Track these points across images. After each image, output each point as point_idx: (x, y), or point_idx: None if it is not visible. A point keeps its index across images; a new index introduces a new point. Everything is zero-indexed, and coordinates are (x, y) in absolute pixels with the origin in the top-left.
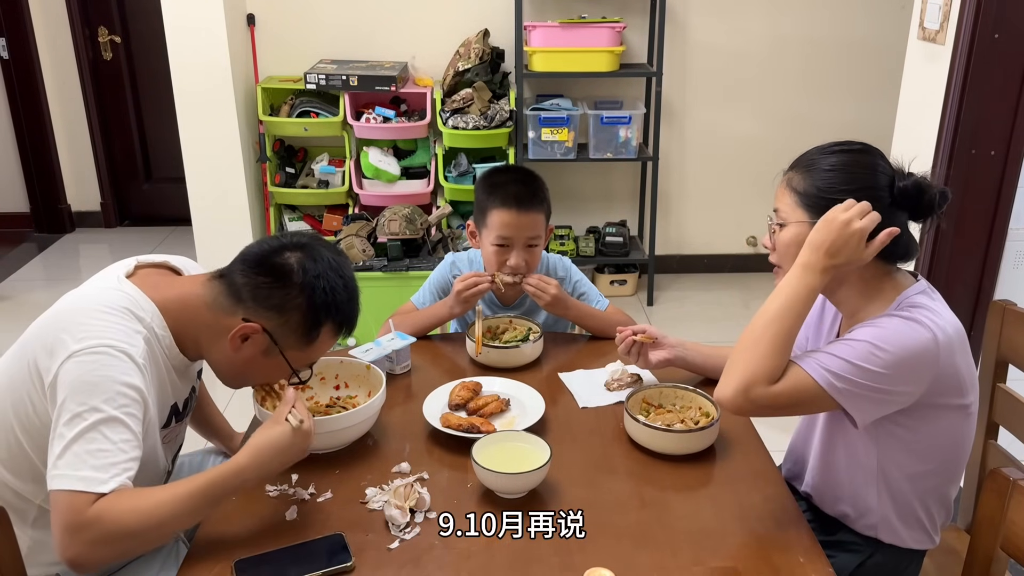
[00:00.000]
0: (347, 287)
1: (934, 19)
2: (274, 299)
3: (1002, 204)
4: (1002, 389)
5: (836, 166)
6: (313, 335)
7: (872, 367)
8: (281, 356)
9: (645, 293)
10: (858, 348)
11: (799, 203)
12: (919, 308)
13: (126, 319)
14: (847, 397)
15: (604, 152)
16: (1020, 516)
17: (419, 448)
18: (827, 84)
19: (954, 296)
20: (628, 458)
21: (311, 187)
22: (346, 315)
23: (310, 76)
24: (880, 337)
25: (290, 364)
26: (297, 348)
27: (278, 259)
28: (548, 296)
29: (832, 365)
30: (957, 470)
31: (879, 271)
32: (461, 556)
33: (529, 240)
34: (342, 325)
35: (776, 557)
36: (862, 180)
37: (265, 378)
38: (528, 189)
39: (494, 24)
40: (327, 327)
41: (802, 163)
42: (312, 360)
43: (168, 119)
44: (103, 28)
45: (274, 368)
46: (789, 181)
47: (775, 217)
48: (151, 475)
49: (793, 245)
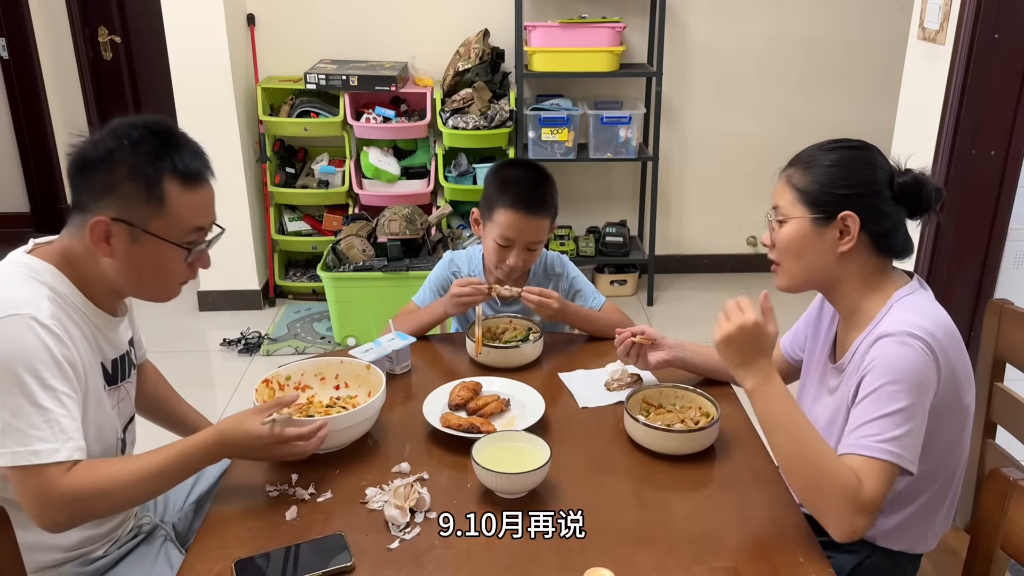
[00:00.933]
0: (156, 131)
1: (934, 19)
2: (98, 185)
3: (1002, 204)
4: (1000, 388)
5: (837, 162)
6: (157, 193)
7: (902, 403)
8: (147, 234)
9: (645, 293)
10: (880, 397)
11: (799, 199)
12: (907, 314)
13: (27, 284)
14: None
15: (604, 152)
16: (1020, 516)
17: (419, 448)
18: (827, 84)
19: (954, 296)
20: (628, 458)
21: (311, 187)
22: (172, 156)
23: (310, 76)
24: (887, 372)
25: (163, 237)
26: (156, 216)
27: (87, 154)
28: (551, 310)
29: (876, 430)
30: (955, 474)
31: (876, 268)
32: (461, 556)
33: (531, 243)
34: (176, 167)
35: (776, 557)
36: (862, 176)
37: (166, 269)
38: (538, 193)
39: (494, 24)
40: (167, 179)
41: (801, 160)
42: (187, 223)
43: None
44: (103, 28)
45: (160, 253)
46: (789, 178)
47: (774, 214)
48: (105, 439)
49: (794, 241)
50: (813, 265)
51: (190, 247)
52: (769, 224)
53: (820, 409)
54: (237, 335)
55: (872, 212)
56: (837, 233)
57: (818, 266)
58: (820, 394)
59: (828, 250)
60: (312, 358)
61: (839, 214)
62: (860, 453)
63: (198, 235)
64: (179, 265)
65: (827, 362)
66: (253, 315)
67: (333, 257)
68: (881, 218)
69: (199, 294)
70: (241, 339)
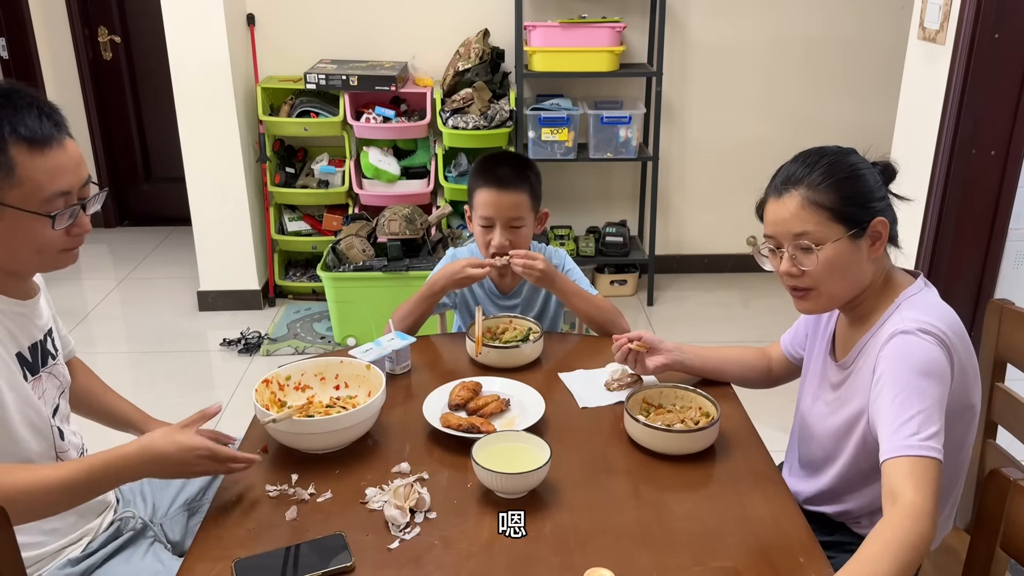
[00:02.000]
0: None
1: (934, 19)
2: None
3: (1002, 204)
4: (1000, 388)
5: (849, 171)
6: (4, 163)
7: (930, 399)
8: (5, 207)
9: (645, 293)
10: (908, 395)
11: (831, 218)
12: (917, 311)
13: None
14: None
15: (604, 152)
16: (1020, 516)
17: (419, 448)
18: (827, 84)
19: (954, 296)
20: (628, 458)
21: (311, 187)
22: (12, 121)
23: (310, 76)
24: (910, 368)
25: (21, 208)
26: (8, 187)
27: None
28: (537, 272)
29: (915, 428)
30: (960, 475)
31: (887, 266)
32: (461, 556)
33: (511, 220)
34: (18, 132)
35: (776, 557)
36: (870, 179)
37: (38, 240)
38: (512, 170)
39: (494, 24)
40: (12, 146)
41: (804, 178)
42: (46, 189)
43: (168, 119)
44: (103, 28)
45: (24, 225)
46: (808, 201)
47: (801, 241)
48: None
49: (838, 263)
50: (856, 280)
51: (53, 215)
52: (784, 254)
53: (821, 406)
54: (237, 335)
55: (890, 210)
56: (869, 240)
57: (860, 280)
58: (821, 391)
59: (866, 261)
60: (312, 358)
61: (871, 222)
62: (908, 454)
63: (64, 200)
64: (49, 234)
65: (827, 358)
66: (253, 315)
67: (333, 257)
68: (893, 212)
69: (199, 294)
70: (241, 339)
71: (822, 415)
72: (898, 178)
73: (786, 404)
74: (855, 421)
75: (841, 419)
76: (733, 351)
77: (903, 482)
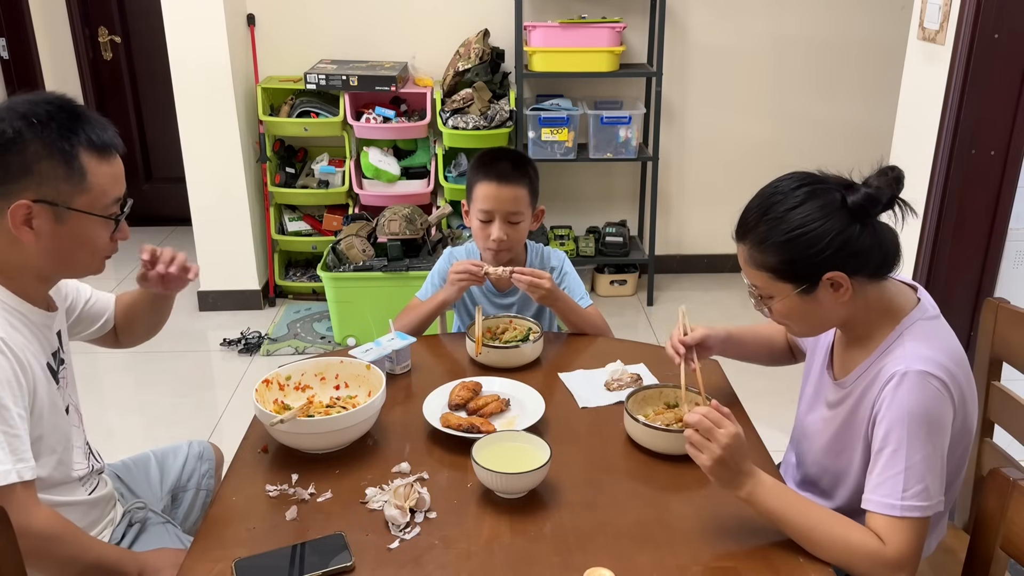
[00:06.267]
0: (62, 106)
1: (934, 19)
2: (14, 168)
3: (1002, 204)
4: (996, 387)
5: (792, 231)
6: (75, 168)
7: (925, 451)
8: (72, 211)
9: (645, 293)
10: (901, 447)
11: (774, 278)
12: (921, 346)
13: None
14: (934, 489)
15: (604, 152)
16: (1020, 516)
17: (419, 448)
18: (827, 84)
19: (954, 296)
20: (628, 458)
21: (311, 187)
22: (84, 129)
23: (310, 76)
24: (908, 419)
25: (89, 212)
26: (79, 192)
27: None
28: (543, 291)
29: (900, 486)
30: (957, 486)
31: (879, 292)
32: (461, 556)
33: (510, 215)
34: (91, 139)
35: (776, 557)
36: (821, 232)
37: (94, 244)
38: (512, 165)
39: (494, 24)
40: (82, 151)
41: (752, 236)
42: (109, 195)
43: (168, 119)
44: (103, 28)
45: (85, 229)
46: (752, 259)
47: (756, 290)
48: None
49: (792, 312)
50: (823, 320)
51: (116, 218)
52: (755, 297)
53: (815, 419)
54: (237, 335)
55: (852, 258)
56: (830, 288)
57: (828, 318)
58: (816, 404)
59: (829, 305)
60: (312, 358)
61: (822, 277)
62: (888, 514)
63: (117, 206)
64: (105, 238)
65: (824, 373)
66: (253, 315)
67: (333, 257)
68: (863, 255)
69: (199, 294)
70: (241, 339)
71: (817, 430)
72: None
73: (787, 404)
74: (853, 457)
75: (837, 443)
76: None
77: (884, 535)
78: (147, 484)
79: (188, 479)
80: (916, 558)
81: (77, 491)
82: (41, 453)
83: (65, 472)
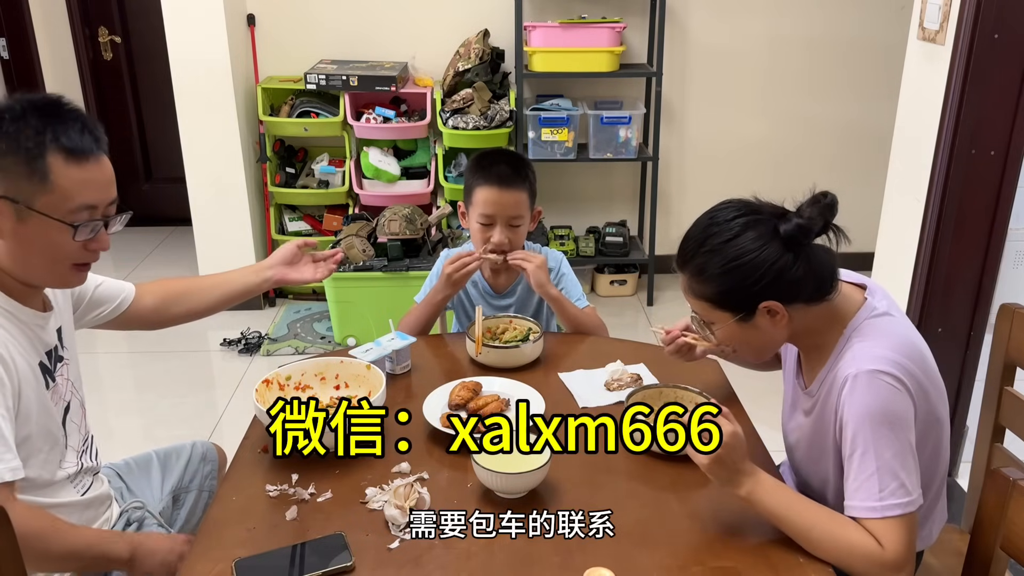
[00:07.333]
0: (39, 105)
1: (934, 19)
2: None
3: (1002, 204)
4: (1009, 392)
5: (726, 264)
6: (40, 168)
7: (893, 447)
8: (32, 211)
9: (645, 293)
10: (868, 449)
11: (713, 307)
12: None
13: None
14: (911, 484)
15: (604, 152)
16: (1020, 516)
17: (419, 448)
18: (827, 84)
19: (954, 296)
20: (628, 458)
21: (311, 187)
22: (55, 129)
23: (310, 76)
24: (867, 419)
25: (47, 214)
26: (40, 193)
27: None
28: (532, 264)
29: (877, 487)
30: (943, 477)
31: (821, 309)
32: (461, 556)
33: (511, 219)
34: (59, 141)
35: (776, 557)
36: (755, 264)
37: (55, 249)
38: (512, 169)
39: (494, 24)
40: (50, 153)
41: (690, 266)
42: (74, 199)
43: (168, 119)
44: (103, 28)
45: (45, 232)
46: (691, 288)
47: (698, 317)
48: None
49: (732, 339)
50: (765, 344)
51: (76, 225)
52: (699, 323)
53: (794, 427)
54: (237, 335)
55: (786, 287)
56: (767, 315)
57: (770, 342)
58: (794, 412)
59: (768, 330)
60: (312, 358)
61: (759, 306)
62: (871, 517)
63: (89, 213)
64: (68, 244)
65: (796, 382)
66: (253, 315)
67: None
68: (796, 284)
69: None
70: (241, 339)
71: (796, 438)
72: (897, 179)
73: None
74: (829, 464)
75: (814, 451)
76: None
77: (876, 538)
78: (147, 484)
79: (191, 480)
80: (911, 555)
81: (67, 491)
82: (28, 454)
83: (52, 471)
